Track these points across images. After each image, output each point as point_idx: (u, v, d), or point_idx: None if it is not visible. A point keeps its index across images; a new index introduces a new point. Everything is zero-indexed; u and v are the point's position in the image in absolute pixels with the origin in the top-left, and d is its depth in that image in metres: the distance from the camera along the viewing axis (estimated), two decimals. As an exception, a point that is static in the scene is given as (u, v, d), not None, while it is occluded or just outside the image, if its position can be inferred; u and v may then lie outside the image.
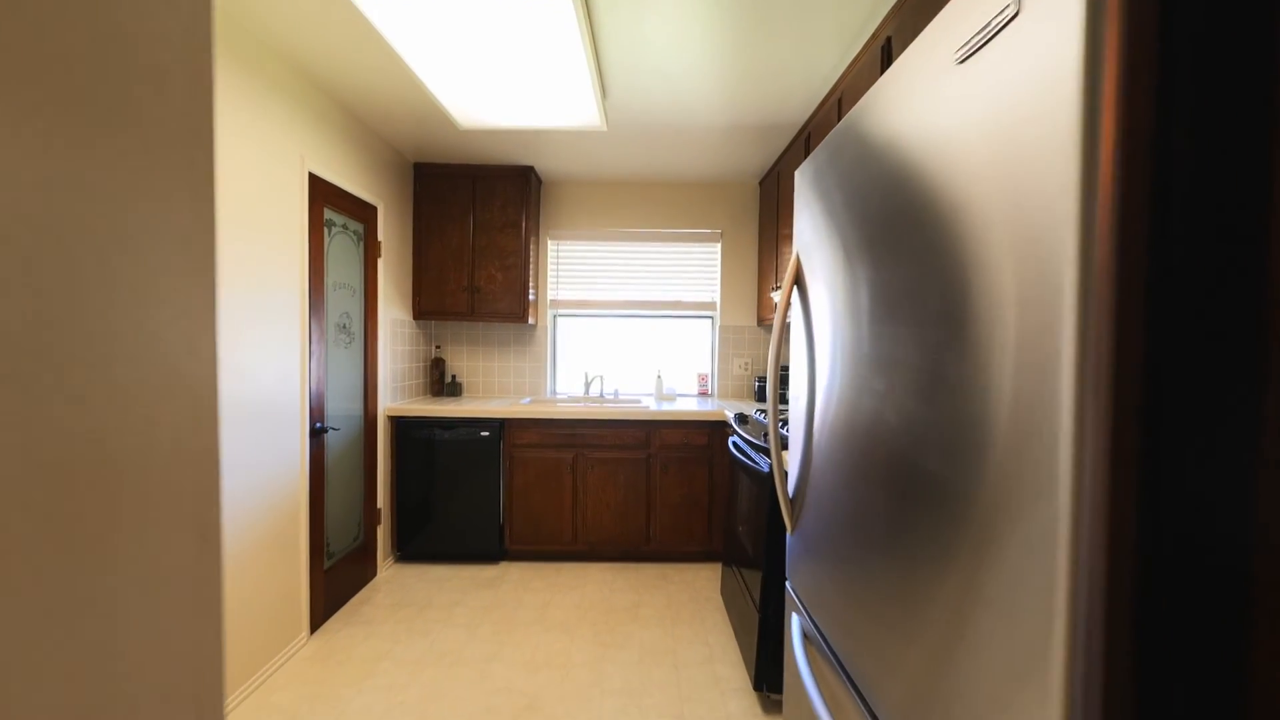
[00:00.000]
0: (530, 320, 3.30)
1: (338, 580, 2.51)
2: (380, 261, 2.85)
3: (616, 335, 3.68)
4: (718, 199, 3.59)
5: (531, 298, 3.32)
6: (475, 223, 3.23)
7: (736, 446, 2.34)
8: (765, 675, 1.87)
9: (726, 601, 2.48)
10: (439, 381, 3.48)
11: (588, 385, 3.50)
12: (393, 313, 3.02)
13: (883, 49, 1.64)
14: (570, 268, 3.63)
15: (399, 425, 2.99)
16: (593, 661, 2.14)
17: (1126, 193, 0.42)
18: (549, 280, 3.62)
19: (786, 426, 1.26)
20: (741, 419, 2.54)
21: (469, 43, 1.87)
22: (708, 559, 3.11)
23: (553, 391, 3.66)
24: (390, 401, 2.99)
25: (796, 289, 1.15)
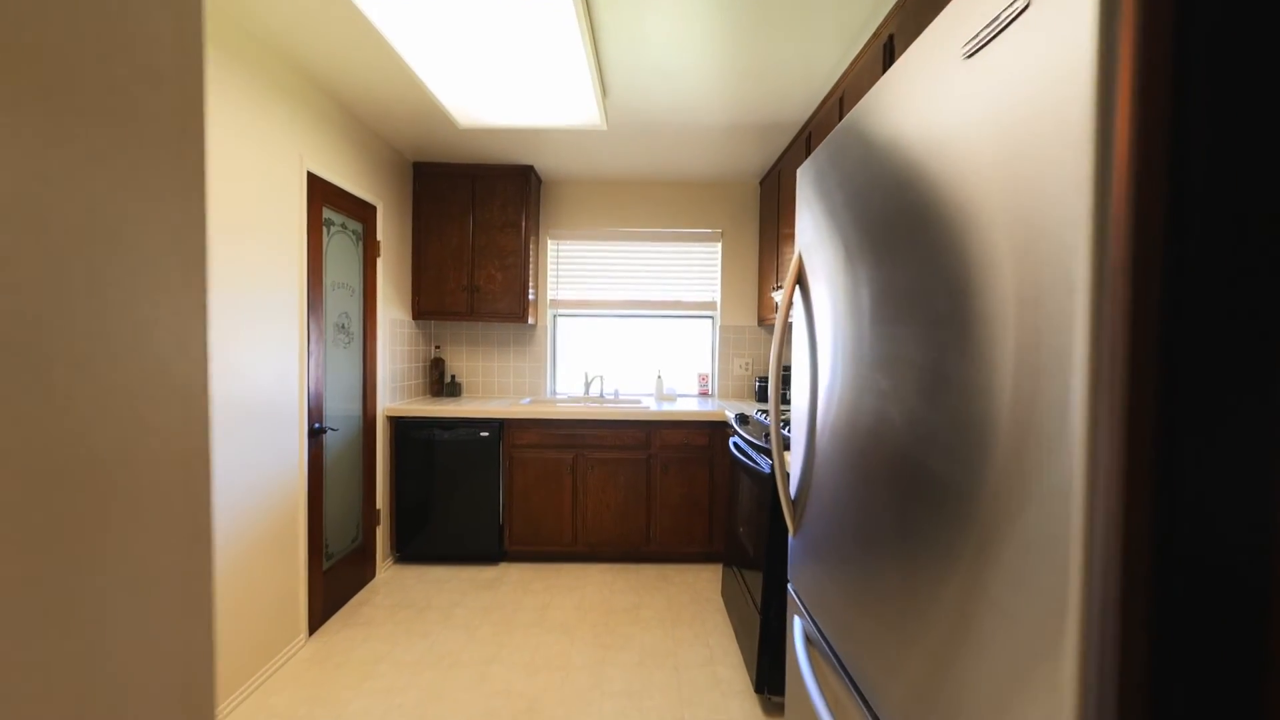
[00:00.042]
0: (530, 320, 3.29)
1: (336, 581, 2.50)
2: (379, 261, 2.84)
3: (616, 335, 3.66)
4: (718, 198, 3.58)
5: (531, 297, 3.31)
6: (475, 222, 3.22)
7: (737, 447, 2.33)
8: (767, 677, 1.86)
9: (727, 603, 2.48)
10: (438, 382, 3.47)
11: (588, 385, 3.49)
12: (392, 312, 3.01)
13: (884, 47, 1.63)
14: (570, 267, 3.62)
15: (398, 425, 2.98)
16: (593, 663, 2.13)
17: (1142, 187, 0.41)
18: (549, 280, 3.61)
19: (788, 427, 1.25)
20: (742, 419, 2.53)
21: (468, 41, 1.86)
22: (708, 560, 3.10)
23: (552, 392, 3.65)
24: (389, 402, 2.99)
25: (798, 289, 1.14)
